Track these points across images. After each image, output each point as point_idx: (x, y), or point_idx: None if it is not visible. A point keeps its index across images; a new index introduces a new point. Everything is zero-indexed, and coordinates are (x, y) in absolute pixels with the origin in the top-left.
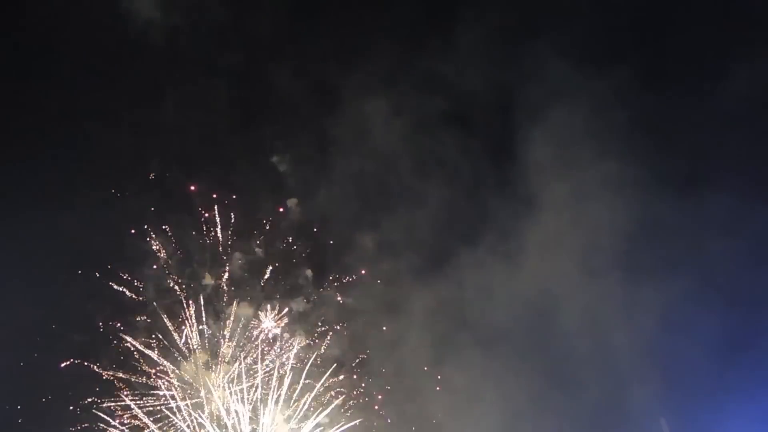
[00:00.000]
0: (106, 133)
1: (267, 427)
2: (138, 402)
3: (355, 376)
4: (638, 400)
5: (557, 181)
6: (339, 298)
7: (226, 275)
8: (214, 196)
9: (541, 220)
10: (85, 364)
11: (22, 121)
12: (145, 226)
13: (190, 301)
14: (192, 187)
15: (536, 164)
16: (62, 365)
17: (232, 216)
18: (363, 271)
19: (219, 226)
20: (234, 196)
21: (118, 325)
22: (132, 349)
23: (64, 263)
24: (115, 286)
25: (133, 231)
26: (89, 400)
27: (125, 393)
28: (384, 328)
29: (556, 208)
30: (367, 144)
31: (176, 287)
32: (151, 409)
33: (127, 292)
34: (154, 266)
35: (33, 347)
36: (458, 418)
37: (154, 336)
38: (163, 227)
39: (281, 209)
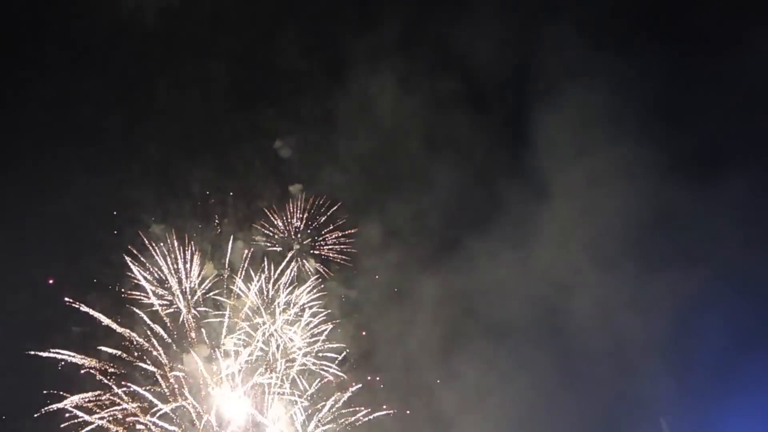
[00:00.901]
0: (100, 119)
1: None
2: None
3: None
4: (647, 396)
5: (570, 166)
6: (343, 293)
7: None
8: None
9: (552, 206)
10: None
11: (13, 106)
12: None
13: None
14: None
15: (549, 146)
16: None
17: (233, 204)
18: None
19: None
20: (234, 183)
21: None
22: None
23: (60, 252)
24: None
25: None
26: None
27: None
28: (390, 321)
29: (569, 194)
30: (373, 125)
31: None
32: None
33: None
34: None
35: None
36: (467, 412)
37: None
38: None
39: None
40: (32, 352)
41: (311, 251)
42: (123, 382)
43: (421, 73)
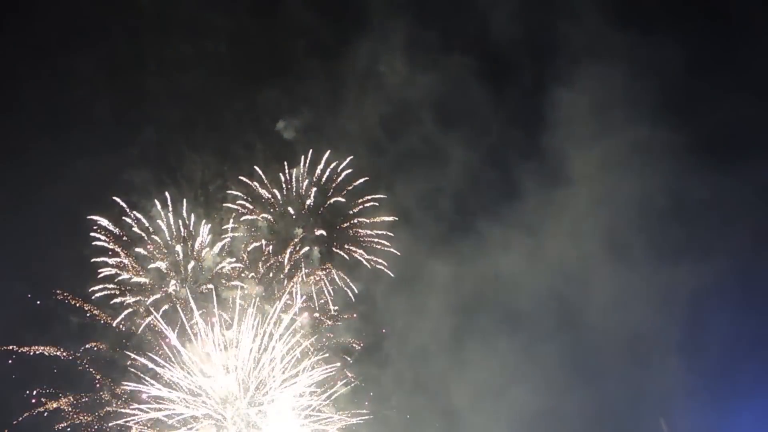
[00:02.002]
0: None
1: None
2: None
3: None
4: (658, 387)
5: (586, 149)
6: (348, 286)
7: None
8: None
9: (566, 191)
10: None
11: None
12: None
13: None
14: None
15: (565, 127)
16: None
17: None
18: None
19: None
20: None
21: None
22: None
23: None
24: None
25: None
26: None
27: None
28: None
29: (583, 178)
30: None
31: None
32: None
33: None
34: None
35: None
36: (475, 402)
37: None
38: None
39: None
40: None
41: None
42: None
43: (434, 49)
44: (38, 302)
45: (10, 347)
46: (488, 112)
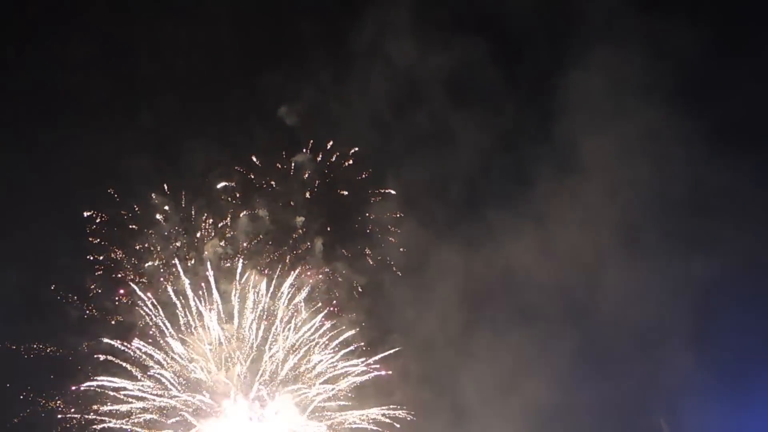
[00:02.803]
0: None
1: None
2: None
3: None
4: (671, 384)
5: (599, 134)
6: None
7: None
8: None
9: (578, 178)
10: None
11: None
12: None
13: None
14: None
15: (578, 111)
16: None
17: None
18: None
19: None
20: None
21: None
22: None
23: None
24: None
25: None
26: None
27: None
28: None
29: (596, 166)
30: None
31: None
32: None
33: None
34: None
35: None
36: (485, 398)
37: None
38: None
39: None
40: None
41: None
42: None
43: (445, 29)
44: (34, 294)
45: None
46: (499, 95)
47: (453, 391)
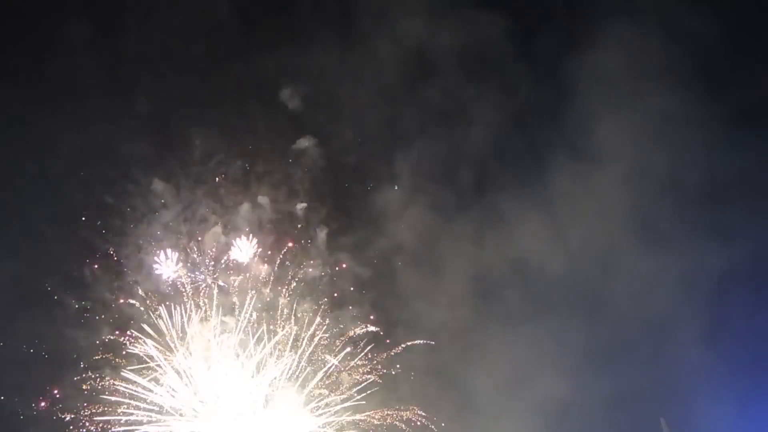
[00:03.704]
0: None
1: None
2: None
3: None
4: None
5: (612, 117)
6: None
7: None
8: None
9: (590, 164)
10: None
11: None
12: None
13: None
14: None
15: (592, 93)
16: None
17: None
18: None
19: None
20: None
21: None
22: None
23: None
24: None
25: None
26: None
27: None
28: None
29: (609, 151)
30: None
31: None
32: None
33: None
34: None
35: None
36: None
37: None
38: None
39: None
40: None
41: None
42: None
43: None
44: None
45: None
46: (513, 74)
47: (464, 384)
